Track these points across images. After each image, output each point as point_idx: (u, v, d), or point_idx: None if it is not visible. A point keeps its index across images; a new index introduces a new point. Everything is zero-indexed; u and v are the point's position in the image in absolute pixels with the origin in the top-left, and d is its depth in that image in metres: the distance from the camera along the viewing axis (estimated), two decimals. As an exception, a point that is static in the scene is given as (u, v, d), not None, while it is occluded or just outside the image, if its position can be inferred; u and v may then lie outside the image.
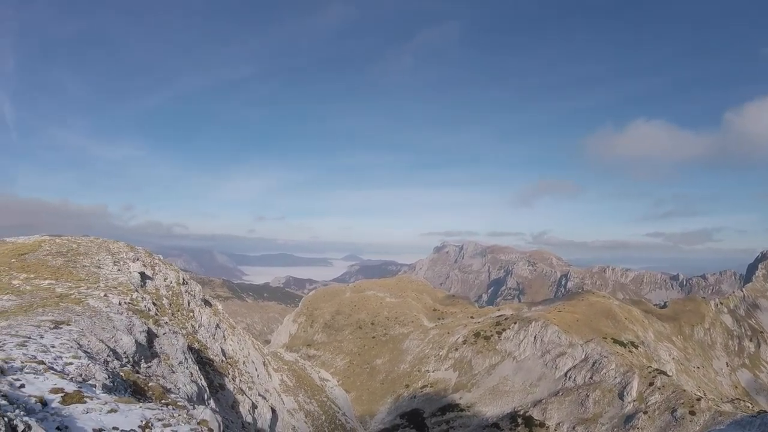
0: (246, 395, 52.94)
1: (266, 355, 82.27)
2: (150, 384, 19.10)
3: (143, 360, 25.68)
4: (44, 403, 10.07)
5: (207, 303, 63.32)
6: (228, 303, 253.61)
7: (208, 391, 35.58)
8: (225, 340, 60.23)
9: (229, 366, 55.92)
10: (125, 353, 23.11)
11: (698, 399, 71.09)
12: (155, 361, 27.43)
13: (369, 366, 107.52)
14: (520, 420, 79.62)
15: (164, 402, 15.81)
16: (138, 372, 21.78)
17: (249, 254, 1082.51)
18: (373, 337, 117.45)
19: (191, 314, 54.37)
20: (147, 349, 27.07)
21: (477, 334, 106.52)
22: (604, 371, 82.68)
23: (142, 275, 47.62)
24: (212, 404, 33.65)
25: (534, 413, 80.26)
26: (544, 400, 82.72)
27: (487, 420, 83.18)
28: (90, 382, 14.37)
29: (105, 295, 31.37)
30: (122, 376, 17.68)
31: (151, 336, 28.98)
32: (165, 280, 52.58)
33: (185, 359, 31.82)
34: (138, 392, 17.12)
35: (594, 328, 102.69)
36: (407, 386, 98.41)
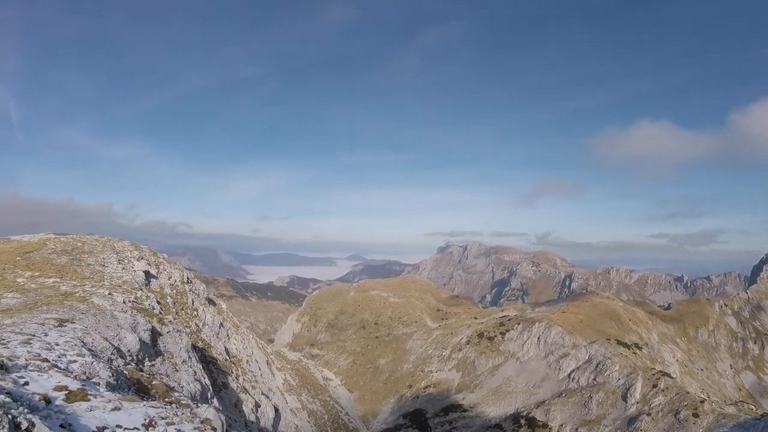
0: (249, 394, 53.11)
1: (270, 354, 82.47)
2: (153, 382, 19.17)
3: (147, 358, 25.79)
4: (48, 401, 10.11)
5: (211, 302, 63.56)
6: (232, 302, 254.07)
7: (212, 390, 35.72)
8: (229, 339, 60.44)
9: (233, 365, 56.10)
10: (129, 351, 23.21)
11: (702, 401, 70.72)
12: (159, 360, 27.56)
13: (372, 366, 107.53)
14: (523, 421, 79.39)
15: (168, 400, 15.84)
16: (142, 370, 21.84)
17: (253, 253, 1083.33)
18: (377, 337, 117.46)
19: (195, 313, 54.58)
20: (151, 348, 27.20)
21: (480, 335, 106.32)
22: (608, 373, 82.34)
23: (147, 274, 47.88)
24: (215, 403, 33.77)
25: (537, 414, 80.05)
26: (547, 401, 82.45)
27: (490, 421, 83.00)
28: (94, 380, 14.43)
29: (109, 294, 31.56)
30: (126, 375, 17.75)
31: (155, 334, 29.13)
32: (169, 279, 52.82)
33: (189, 358, 31.95)
34: (141, 390, 17.17)
35: (598, 330, 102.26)
36: (410, 386, 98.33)
